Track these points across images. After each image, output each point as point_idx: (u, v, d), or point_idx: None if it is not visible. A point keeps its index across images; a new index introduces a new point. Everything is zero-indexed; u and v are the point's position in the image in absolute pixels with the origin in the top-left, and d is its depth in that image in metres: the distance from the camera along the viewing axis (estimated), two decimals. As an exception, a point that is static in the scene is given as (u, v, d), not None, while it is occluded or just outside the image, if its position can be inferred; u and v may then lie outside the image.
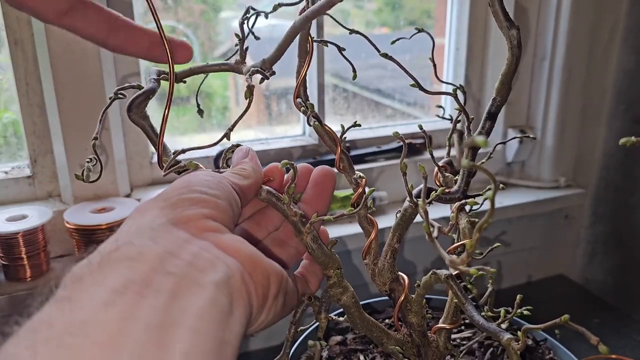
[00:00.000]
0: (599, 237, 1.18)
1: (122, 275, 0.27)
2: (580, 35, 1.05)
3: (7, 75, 0.82)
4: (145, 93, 0.41)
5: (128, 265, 0.28)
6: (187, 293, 0.28)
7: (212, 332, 0.27)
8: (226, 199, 0.36)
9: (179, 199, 0.34)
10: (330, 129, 0.46)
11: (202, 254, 0.31)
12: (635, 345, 0.94)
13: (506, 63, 0.43)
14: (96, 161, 0.41)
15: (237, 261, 0.32)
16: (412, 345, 0.48)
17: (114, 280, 0.27)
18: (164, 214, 0.32)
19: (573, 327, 0.35)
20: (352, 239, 0.90)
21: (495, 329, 0.39)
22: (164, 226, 0.31)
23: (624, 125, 1.10)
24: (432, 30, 1.17)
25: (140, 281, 0.27)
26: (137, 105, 0.40)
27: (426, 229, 0.35)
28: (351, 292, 0.45)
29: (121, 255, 0.29)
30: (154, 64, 0.44)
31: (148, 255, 0.29)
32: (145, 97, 0.41)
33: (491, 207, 0.28)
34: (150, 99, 0.41)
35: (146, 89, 0.41)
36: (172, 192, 0.35)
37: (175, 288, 0.28)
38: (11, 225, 0.75)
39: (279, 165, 0.44)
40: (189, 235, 0.32)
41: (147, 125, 0.42)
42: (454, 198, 0.45)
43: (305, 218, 0.43)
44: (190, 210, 0.33)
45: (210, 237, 0.32)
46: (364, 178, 0.46)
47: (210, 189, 0.35)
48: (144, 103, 0.41)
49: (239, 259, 0.32)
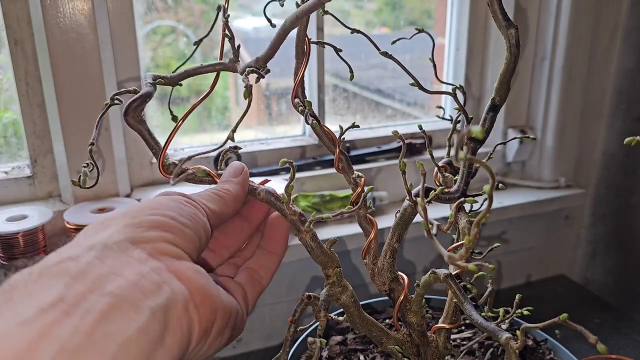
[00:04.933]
0: (600, 237, 1.18)
1: (55, 292, 0.26)
2: (580, 35, 1.05)
3: (7, 75, 0.82)
4: (142, 97, 0.41)
5: (65, 282, 0.27)
6: (119, 316, 0.27)
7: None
8: (195, 229, 0.35)
9: (145, 220, 0.33)
10: (329, 129, 0.46)
11: (150, 275, 0.29)
12: (635, 345, 0.94)
13: (505, 62, 0.43)
14: (93, 166, 0.41)
15: (185, 288, 0.31)
16: (411, 345, 0.48)
17: (44, 296, 0.26)
18: (125, 231, 0.32)
19: (572, 326, 0.35)
20: (351, 239, 0.90)
21: (494, 328, 0.39)
22: (119, 244, 0.30)
23: (625, 125, 1.10)
24: (432, 30, 1.17)
25: (72, 300, 0.26)
26: (133, 109, 0.40)
27: (425, 226, 0.35)
28: (350, 292, 0.45)
29: (61, 270, 0.28)
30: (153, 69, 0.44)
31: (90, 274, 0.28)
32: (142, 101, 0.41)
33: (489, 202, 0.28)
34: (147, 102, 0.41)
35: (142, 93, 0.41)
36: (141, 211, 0.34)
37: (108, 309, 0.27)
38: (11, 225, 0.75)
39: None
40: (145, 255, 0.31)
41: (144, 130, 0.42)
42: (453, 197, 0.45)
43: (304, 217, 0.43)
44: (153, 232, 0.32)
45: (165, 260, 0.31)
46: (362, 177, 0.46)
47: (181, 217, 0.35)
48: (140, 107, 0.41)
49: (189, 287, 0.31)
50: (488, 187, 0.27)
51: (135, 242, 0.31)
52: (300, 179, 0.95)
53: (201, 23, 0.97)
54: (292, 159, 0.99)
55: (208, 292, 0.33)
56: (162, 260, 0.31)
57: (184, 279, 0.31)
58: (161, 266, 0.31)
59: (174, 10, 0.93)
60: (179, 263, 0.32)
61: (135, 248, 0.31)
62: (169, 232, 0.33)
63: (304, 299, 0.43)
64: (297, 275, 0.93)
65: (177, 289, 0.30)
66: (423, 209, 0.35)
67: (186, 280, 0.31)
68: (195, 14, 0.97)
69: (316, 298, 0.44)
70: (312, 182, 0.96)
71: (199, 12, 0.97)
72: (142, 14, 0.87)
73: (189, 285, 0.31)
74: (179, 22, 0.95)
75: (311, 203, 0.92)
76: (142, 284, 0.29)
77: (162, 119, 0.97)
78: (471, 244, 0.29)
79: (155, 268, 0.30)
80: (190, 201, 0.37)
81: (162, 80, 0.43)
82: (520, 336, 0.38)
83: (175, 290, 0.30)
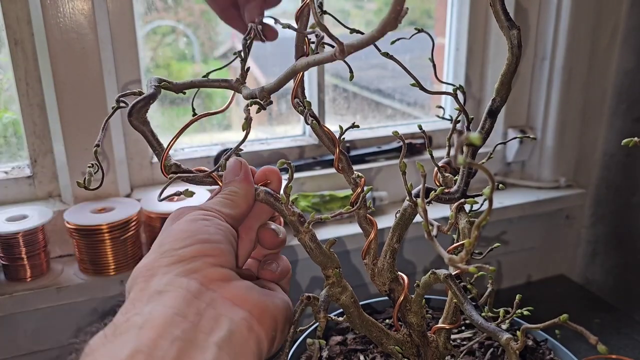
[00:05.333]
0: (600, 238, 1.18)
1: (130, 345, 0.29)
2: (580, 35, 1.05)
3: (7, 75, 0.82)
4: (146, 99, 0.41)
5: (136, 334, 0.30)
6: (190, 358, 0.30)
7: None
8: (226, 241, 0.37)
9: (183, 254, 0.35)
10: (329, 129, 0.46)
11: (208, 312, 0.32)
12: (635, 345, 0.94)
13: (506, 63, 0.43)
14: (98, 167, 0.42)
15: (244, 311, 0.34)
16: (411, 345, 0.48)
17: (122, 351, 0.29)
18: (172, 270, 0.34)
19: (572, 326, 0.35)
20: (351, 239, 0.90)
21: (494, 329, 0.39)
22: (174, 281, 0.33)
23: (625, 125, 1.10)
24: (432, 30, 1.17)
25: (146, 348, 0.29)
26: (137, 111, 0.41)
27: (425, 228, 0.35)
28: (350, 292, 0.45)
29: (130, 325, 0.30)
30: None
31: (155, 320, 0.30)
32: (146, 102, 0.41)
33: (489, 205, 0.28)
34: (151, 104, 0.42)
35: (147, 94, 0.42)
36: (175, 243, 0.36)
37: (179, 354, 0.29)
38: (11, 225, 0.75)
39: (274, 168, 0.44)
40: (199, 286, 0.33)
41: (148, 131, 0.42)
42: (453, 198, 0.45)
43: (303, 217, 0.43)
44: (197, 262, 0.35)
45: (219, 287, 0.34)
46: (362, 177, 0.46)
47: (211, 235, 0.37)
48: (144, 108, 0.41)
49: (247, 308, 0.34)
50: (488, 190, 0.27)
51: (186, 274, 0.34)
52: (300, 179, 0.95)
53: (201, 23, 0.97)
54: (292, 159, 0.99)
55: (264, 305, 0.36)
56: (215, 289, 0.34)
57: (240, 302, 0.34)
58: (216, 297, 0.34)
59: (174, 10, 0.93)
60: (230, 287, 0.35)
61: (189, 279, 0.33)
62: (210, 256, 0.35)
63: (303, 300, 0.43)
64: (297, 275, 0.93)
65: (236, 316, 0.33)
66: (424, 211, 0.35)
67: (242, 303, 0.34)
68: (195, 14, 0.97)
69: (315, 299, 0.44)
70: (312, 182, 0.96)
71: (199, 12, 0.97)
72: (142, 14, 0.87)
73: (246, 306, 0.34)
74: (179, 22, 0.95)
75: (311, 203, 0.92)
76: (202, 325, 0.31)
77: (162, 119, 0.97)
78: (472, 246, 0.29)
79: (210, 301, 0.33)
80: (208, 214, 0.39)
81: (167, 84, 0.43)
82: (520, 337, 0.38)
83: (234, 318, 0.33)
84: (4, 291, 0.74)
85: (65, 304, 0.77)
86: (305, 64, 0.36)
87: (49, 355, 0.81)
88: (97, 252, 0.77)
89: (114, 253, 0.78)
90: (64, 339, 0.81)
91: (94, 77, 0.79)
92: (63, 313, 0.79)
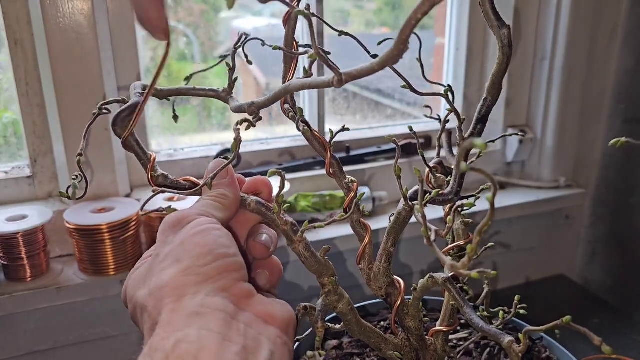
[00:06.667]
0: (599, 237, 1.18)
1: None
2: (580, 35, 1.04)
3: (7, 75, 0.82)
4: (130, 107, 0.40)
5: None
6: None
7: None
8: (238, 251, 0.38)
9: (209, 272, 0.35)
10: (319, 134, 0.46)
11: (249, 332, 0.34)
12: (635, 345, 0.94)
13: (497, 62, 0.43)
14: (82, 178, 0.41)
15: (275, 328, 0.36)
16: (410, 349, 0.48)
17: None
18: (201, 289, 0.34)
19: (576, 328, 0.35)
20: (345, 240, 0.90)
21: (495, 332, 0.39)
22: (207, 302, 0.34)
23: (625, 125, 1.10)
24: (432, 30, 1.17)
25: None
26: (122, 120, 0.40)
27: (425, 234, 0.34)
28: (347, 300, 0.45)
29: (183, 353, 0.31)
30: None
31: (208, 348, 0.31)
32: (130, 111, 0.40)
33: (491, 210, 0.27)
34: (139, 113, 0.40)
35: (131, 103, 0.40)
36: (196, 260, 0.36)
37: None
38: (11, 225, 0.75)
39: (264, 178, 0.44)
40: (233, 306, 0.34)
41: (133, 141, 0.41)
42: (447, 200, 0.45)
43: (296, 226, 0.43)
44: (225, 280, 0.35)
45: (247, 306, 0.35)
46: (355, 182, 0.46)
47: (228, 248, 0.37)
48: (128, 118, 0.40)
49: (277, 325, 0.36)
50: (490, 196, 0.27)
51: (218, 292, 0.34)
52: (300, 179, 0.96)
53: (201, 23, 0.97)
54: (291, 158, 0.99)
55: (288, 318, 0.37)
56: (245, 308, 0.35)
57: (270, 319, 0.36)
58: (250, 317, 0.35)
59: (174, 10, 0.94)
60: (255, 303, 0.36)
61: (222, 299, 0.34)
62: (233, 272, 0.36)
63: (300, 310, 0.43)
64: (294, 280, 0.93)
65: (272, 334, 0.35)
66: (422, 217, 0.35)
67: (272, 320, 0.36)
68: (195, 14, 0.97)
69: (312, 308, 0.43)
70: (312, 182, 0.96)
71: (199, 12, 0.97)
72: (141, 14, 0.87)
73: (275, 323, 0.36)
74: (179, 22, 0.95)
75: (311, 203, 0.92)
76: (249, 346, 0.33)
77: (162, 119, 0.97)
78: (473, 252, 0.28)
79: (247, 321, 0.35)
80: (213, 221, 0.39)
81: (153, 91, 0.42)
82: (523, 339, 0.38)
83: (271, 337, 0.35)
84: (4, 291, 0.74)
85: (65, 304, 0.77)
86: (300, 86, 0.36)
87: (49, 355, 0.81)
88: (96, 252, 0.77)
89: (114, 253, 0.78)
90: (64, 339, 0.81)
91: (93, 77, 0.79)
92: (63, 313, 0.79)
